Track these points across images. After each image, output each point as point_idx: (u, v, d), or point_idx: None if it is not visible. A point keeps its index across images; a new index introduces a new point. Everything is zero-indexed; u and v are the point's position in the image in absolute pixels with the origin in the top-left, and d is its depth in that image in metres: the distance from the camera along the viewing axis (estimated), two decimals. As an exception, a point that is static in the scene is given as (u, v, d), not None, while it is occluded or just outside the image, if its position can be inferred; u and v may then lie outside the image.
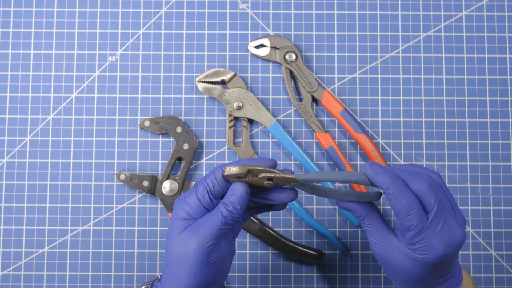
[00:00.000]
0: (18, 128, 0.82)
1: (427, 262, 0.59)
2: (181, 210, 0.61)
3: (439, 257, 0.58)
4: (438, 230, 0.58)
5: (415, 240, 0.58)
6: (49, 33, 0.83)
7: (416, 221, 0.58)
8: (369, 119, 0.82)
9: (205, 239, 0.58)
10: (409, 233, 0.58)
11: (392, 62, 0.83)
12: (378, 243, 0.61)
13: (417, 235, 0.58)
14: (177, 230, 0.60)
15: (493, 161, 0.81)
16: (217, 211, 0.59)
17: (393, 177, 0.59)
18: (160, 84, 0.82)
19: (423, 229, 0.58)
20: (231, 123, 0.81)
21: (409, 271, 0.60)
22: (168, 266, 0.60)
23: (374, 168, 0.59)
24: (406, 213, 0.58)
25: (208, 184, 0.61)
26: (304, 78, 0.81)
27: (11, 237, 0.80)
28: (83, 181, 0.81)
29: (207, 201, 0.61)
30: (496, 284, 0.80)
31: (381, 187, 0.59)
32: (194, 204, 0.60)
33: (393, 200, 0.58)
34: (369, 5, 0.84)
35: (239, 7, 0.84)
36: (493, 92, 0.83)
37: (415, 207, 0.58)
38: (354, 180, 0.60)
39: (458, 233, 0.59)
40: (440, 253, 0.58)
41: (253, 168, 0.59)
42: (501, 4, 0.84)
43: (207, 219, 0.59)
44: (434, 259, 0.58)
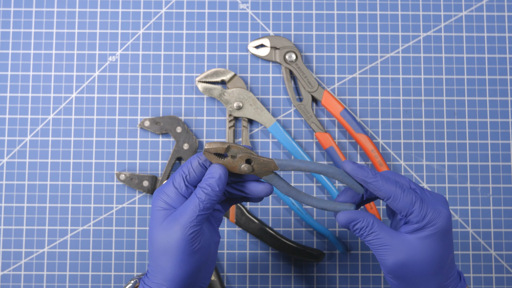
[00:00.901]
0: (18, 128, 0.82)
1: (442, 229, 0.59)
2: (159, 201, 0.60)
3: (448, 217, 0.60)
4: (430, 197, 0.61)
5: (423, 212, 0.59)
6: (49, 33, 0.83)
7: (414, 194, 0.60)
8: (369, 119, 0.82)
9: (186, 227, 0.58)
10: (414, 208, 0.59)
11: (392, 62, 0.83)
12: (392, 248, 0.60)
13: (422, 205, 0.59)
14: (158, 221, 0.59)
15: (493, 161, 0.81)
16: (194, 197, 0.59)
17: (371, 169, 0.61)
18: (160, 84, 0.82)
19: (423, 198, 0.60)
20: (231, 123, 0.81)
21: (433, 254, 0.60)
22: (153, 259, 0.60)
23: (354, 163, 0.61)
24: (401, 191, 0.60)
25: (184, 171, 0.60)
26: (304, 78, 0.81)
27: (11, 237, 0.80)
28: (83, 181, 0.81)
29: (183, 189, 0.60)
30: (496, 284, 0.80)
31: (366, 177, 0.60)
32: (171, 193, 0.60)
33: (384, 185, 0.60)
34: (369, 5, 0.84)
35: (239, 7, 0.84)
36: (493, 92, 0.83)
37: (404, 186, 0.60)
38: (331, 173, 0.61)
39: (440, 196, 0.62)
40: (447, 214, 0.60)
41: (234, 145, 0.59)
42: (501, 4, 0.84)
43: (185, 206, 0.59)
44: (445, 221, 0.60)
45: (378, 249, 0.61)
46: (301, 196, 0.62)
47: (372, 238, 0.61)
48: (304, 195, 0.62)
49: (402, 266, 0.60)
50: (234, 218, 0.79)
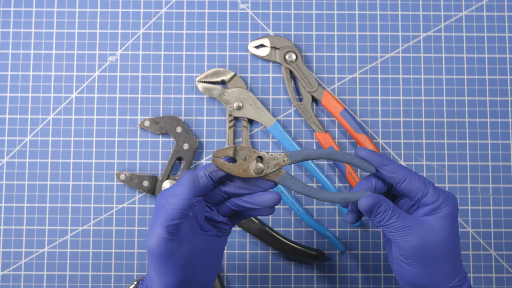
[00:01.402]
0: (18, 128, 0.82)
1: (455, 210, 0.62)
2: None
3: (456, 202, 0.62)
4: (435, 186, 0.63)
5: (437, 194, 0.62)
6: (49, 33, 0.83)
7: (426, 179, 0.62)
8: (369, 119, 0.82)
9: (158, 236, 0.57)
10: (429, 189, 0.62)
11: (392, 62, 0.83)
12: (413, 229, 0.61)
13: (435, 187, 0.62)
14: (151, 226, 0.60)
15: (493, 161, 0.81)
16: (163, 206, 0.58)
17: (386, 157, 0.63)
18: (160, 84, 0.82)
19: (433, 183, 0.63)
20: (231, 123, 0.81)
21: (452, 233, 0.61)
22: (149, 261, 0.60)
23: (369, 150, 0.63)
24: (415, 174, 0.62)
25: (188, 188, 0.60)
26: (304, 78, 0.81)
27: (11, 237, 0.80)
28: (83, 181, 0.81)
29: None
30: (496, 284, 0.80)
31: (382, 161, 0.62)
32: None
33: (399, 170, 0.62)
34: (369, 5, 0.84)
35: (239, 7, 0.84)
36: (493, 92, 0.83)
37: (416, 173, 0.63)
38: (340, 158, 0.62)
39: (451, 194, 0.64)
40: (455, 198, 0.63)
41: (240, 147, 0.59)
42: (501, 4, 0.84)
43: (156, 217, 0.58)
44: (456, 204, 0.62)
45: (400, 231, 0.61)
46: (317, 193, 0.62)
47: (394, 220, 0.61)
48: (320, 192, 0.62)
49: (424, 247, 0.60)
50: (234, 218, 0.79)
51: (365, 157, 0.63)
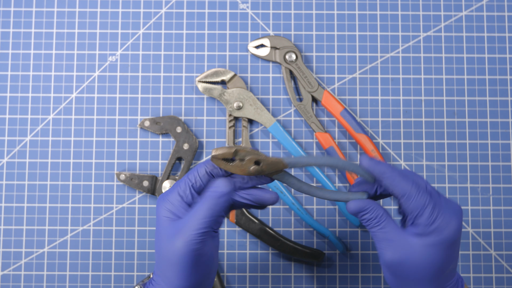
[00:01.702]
0: (18, 128, 0.82)
1: (448, 240, 0.58)
2: (163, 209, 0.59)
3: (457, 229, 0.58)
4: (444, 204, 0.59)
5: (432, 219, 0.58)
6: (49, 33, 0.83)
7: (428, 198, 0.58)
8: (369, 119, 0.82)
9: (191, 240, 0.57)
10: (425, 212, 0.58)
11: (392, 62, 0.83)
12: (393, 245, 0.59)
13: (433, 211, 0.58)
14: (164, 231, 0.59)
15: (493, 161, 0.82)
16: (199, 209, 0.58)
17: (389, 165, 0.60)
18: (160, 84, 0.82)
19: (436, 204, 0.58)
20: (231, 123, 0.81)
21: (433, 261, 0.59)
22: (159, 268, 0.59)
23: (372, 159, 0.60)
24: (416, 192, 0.58)
25: (190, 179, 0.59)
26: (304, 78, 0.81)
27: (11, 237, 0.80)
28: (83, 181, 0.81)
29: (189, 197, 0.59)
30: (496, 284, 0.80)
31: (384, 173, 0.59)
32: (176, 201, 0.59)
33: (400, 183, 0.59)
34: (369, 5, 0.84)
35: (239, 7, 0.84)
36: (493, 92, 0.83)
37: (421, 186, 0.59)
38: (341, 166, 0.60)
39: (456, 204, 0.60)
40: (457, 225, 0.58)
41: (241, 148, 0.58)
42: (501, 4, 0.84)
43: (190, 218, 0.58)
44: (453, 232, 0.58)
45: (380, 242, 0.60)
46: (313, 190, 0.61)
47: (377, 230, 0.60)
48: (316, 189, 0.62)
49: (399, 264, 0.59)
50: (234, 218, 0.79)
51: (366, 167, 0.60)
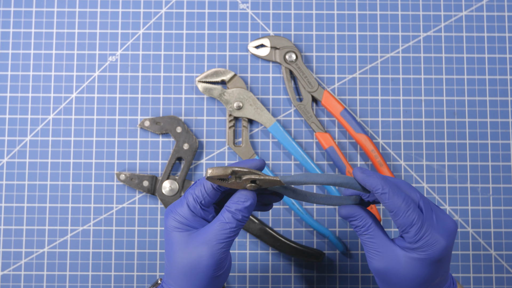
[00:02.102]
0: (18, 128, 0.82)
1: (433, 258, 0.59)
2: (175, 222, 0.60)
3: (444, 249, 0.59)
4: (435, 222, 0.59)
5: (418, 237, 0.58)
6: (49, 33, 0.83)
7: (417, 216, 0.58)
8: (369, 119, 0.82)
9: (216, 252, 0.58)
10: (411, 230, 0.58)
11: (392, 62, 0.83)
12: (380, 254, 0.60)
13: (419, 230, 0.58)
14: (181, 243, 0.59)
15: (493, 161, 0.82)
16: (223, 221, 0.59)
17: (384, 178, 0.60)
18: (160, 84, 0.82)
19: (424, 222, 0.58)
20: (231, 123, 0.81)
21: (417, 275, 0.59)
22: (173, 279, 0.60)
23: (364, 172, 0.60)
24: (405, 209, 0.58)
25: (198, 196, 0.60)
26: (304, 78, 0.81)
27: (11, 237, 0.80)
28: (83, 181, 0.81)
29: (200, 212, 0.60)
30: (496, 284, 0.80)
31: (375, 188, 0.59)
32: (188, 216, 0.60)
33: (390, 199, 0.58)
34: (369, 5, 0.84)
35: (239, 7, 0.84)
36: (493, 92, 0.83)
37: (412, 203, 0.59)
38: (339, 183, 0.60)
39: (450, 222, 0.60)
40: (444, 244, 0.58)
41: (238, 169, 0.58)
42: (501, 4, 0.84)
43: (213, 230, 0.59)
44: (439, 252, 0.58)
45: (368, 250, 0.61)
46: (308, 197, 0.62)
47: (365, 238, 0.61)
48: (311, 195, 0.62)
49: (384, 273, 0.60)
50: (234, 218, 0.79)
51: (359, 181, 0.60)
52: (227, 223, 0.58)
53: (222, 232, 0.58)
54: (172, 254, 0.60)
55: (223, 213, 0.59)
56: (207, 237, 0.59)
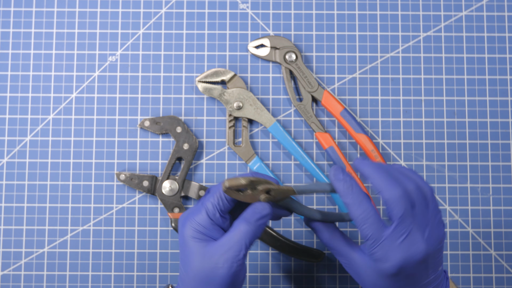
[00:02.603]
0: (18, 128, 0.82)
1: (385, 272, 0.59)
2: (193, 231, 0.61)
3: (396, 268, 0.58)
4: (398, 243, 0.58)
5: (372, 250, 0.59)
6: (49, 33, 0.83)
7: (371, 232, 0.58)
8: (369, 119, 0.82)
9: (234, 262, 0.59)
10: (367, 242, 0.59)
11: (392, 62, 0.83)
12: (344, 262, 0.63)
13: (373, 245, 0.58)
14: (199, 252, 0.60)
15: (493, 161, 0.81)
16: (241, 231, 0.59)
17: (351, 185, 0.59)
18: (160, 84, 0.82)
19: (378, 240, 0.58)
20: (231, 123, 0.81)
21: (375, 283, 0.60)
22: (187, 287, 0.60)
23: (336, 174, 0.60)
24: (361, 222, 0.58)
25: (217, 203, 0.61)
26: (304, 78, 0.81)
27: (11, 237, 0.80)
28: (83, 181, 0.81)
29: (219, 219, 0.61)
30: (496, 284, 0.80)
31: (339, 194, 0.59)
32: (207, 223, 0.61)
33: (348, 208, 0.59)
34: (369, 5, 0.84)
35: (239, 7, 0.84)
36: (493, 92, 0.83)
37: (371, 217, 0.58)
38: None
39: (418, 247, 0.59)
40: (396, 265, 0.58)
41: (255, 179, 0.59)
42: (501, 4, 0.84)
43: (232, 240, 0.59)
44: (391, 269, 0.58)
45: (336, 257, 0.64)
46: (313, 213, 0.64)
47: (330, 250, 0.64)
48: (316, 212, 0.64)
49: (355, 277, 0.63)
50: (234, 218, 0.79)
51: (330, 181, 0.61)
52: (244, 234, 0.59)
53: (239, 243, 0.59)
54: (189, 263, 0.60)
55: (240, 224, 0.60)
56: (224, 248, 0.59)
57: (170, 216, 0.79)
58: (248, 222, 0.60)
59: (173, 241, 0.80)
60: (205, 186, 0.80)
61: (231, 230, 0.60)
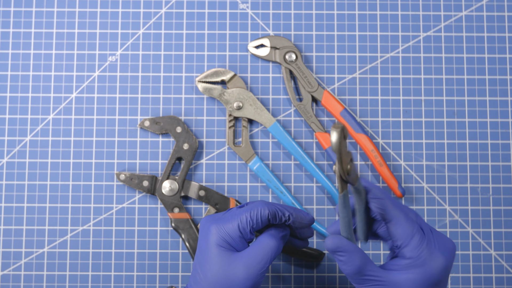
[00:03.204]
0: (18, 128, 0.82)
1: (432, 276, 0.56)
2: (221, 239, 0.62)
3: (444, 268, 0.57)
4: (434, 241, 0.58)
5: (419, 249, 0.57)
6: (49, 33, 0.83)
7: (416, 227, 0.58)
8: (369, 119, 0.82)
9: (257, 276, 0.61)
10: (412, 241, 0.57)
11: (392, 62, 0.83)
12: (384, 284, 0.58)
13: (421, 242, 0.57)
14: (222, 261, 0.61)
15: (493, 161, 0.81)
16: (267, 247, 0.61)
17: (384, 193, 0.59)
18: (160, 84, 0.82)
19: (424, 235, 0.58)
20: (231, 123, 0.81)
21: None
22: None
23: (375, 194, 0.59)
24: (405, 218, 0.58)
25: (252, 220, 0.62)
26: (304, 78, 0.81)
27: (11, 237, 0.80)
28: (83, 181, 0.81)
29: (247, 234, 0.62)
30: (496, 284, 0.80)
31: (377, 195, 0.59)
32: (235, 236, 0.62)
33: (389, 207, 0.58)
34: (369, 5, 0.84)
35: (239, 7, 0.84)
36: (493, 92, 0.83)
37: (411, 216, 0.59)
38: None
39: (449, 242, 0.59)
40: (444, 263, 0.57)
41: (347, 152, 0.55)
42: (501, 4, 0.84)
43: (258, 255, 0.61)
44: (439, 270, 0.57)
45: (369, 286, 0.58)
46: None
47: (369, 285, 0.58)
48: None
49: None
50: (234, 218, 0.79)
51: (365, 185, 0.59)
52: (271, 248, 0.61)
53: (265, 257, 0.61)
54: (210, 269, 0.61)
55: (267, 239, 0.62)
56: (249, 261, 0.61)
57: (170, 216, 0.79)
58: (275, 238, 0.62)
59: (173, 241, 0.80)
60: (205, 186, 0.80)
61: (257, 244, 0.62)
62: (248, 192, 0.81)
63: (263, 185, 0.81)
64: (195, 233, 0.78)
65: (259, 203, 0.63)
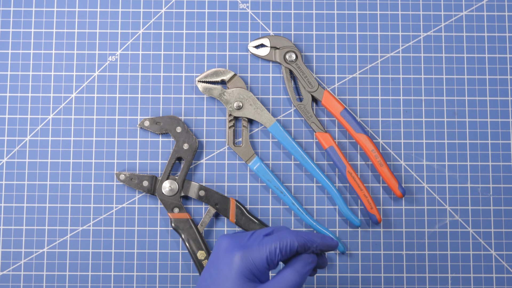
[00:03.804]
0: (18, 128, 0.82)
1: None
2: (247, 271, 0.60)
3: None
4: None
5: None
6: (49, 33, 0.83)
7: None
8: (369, 119, 0.82)
9: None
10: None
11: (392, 62, 0.83)
12: None
13: None
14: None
15: (493, 161, 0.81)
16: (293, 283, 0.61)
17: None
18: (160, 84, 0.82)
19: None
20: (231, 123, 0.81)
21: None
22: None
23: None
24: None
25: (281, 254, 0.61)
26: (304, 78, 0.81)
27: (11, 237, 0.80)
28: (83, 181, 0.81)
29: (273, 266, 0.61)
30: (496, 284, 0.80)
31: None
32: (262, 268, 0.61)
33: None
34: (369, 5, 0.84)
35: (239, 7, 0.84)
36: (493, 92, 0.83)
37: None
38: None
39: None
40: None
41: None
42: (501, 4, 0.84)
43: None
44: None
45: None
46: None
47: None
48: None
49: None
50: (234, 218, 0.79)
51: None
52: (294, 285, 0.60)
53: None
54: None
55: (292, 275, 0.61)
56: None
57: (170, 216, 0.79)
58: (299, 274, 0.61)
59: (173, 241, 0.80)
60: (205, 186, 0.80)
61: (280, 279, 0.61)
62: (248, 192, 0.81)
63: (263, 185, 0.81)
64: (195, 233, 0.78)
65: (287, 234, 0.62)
